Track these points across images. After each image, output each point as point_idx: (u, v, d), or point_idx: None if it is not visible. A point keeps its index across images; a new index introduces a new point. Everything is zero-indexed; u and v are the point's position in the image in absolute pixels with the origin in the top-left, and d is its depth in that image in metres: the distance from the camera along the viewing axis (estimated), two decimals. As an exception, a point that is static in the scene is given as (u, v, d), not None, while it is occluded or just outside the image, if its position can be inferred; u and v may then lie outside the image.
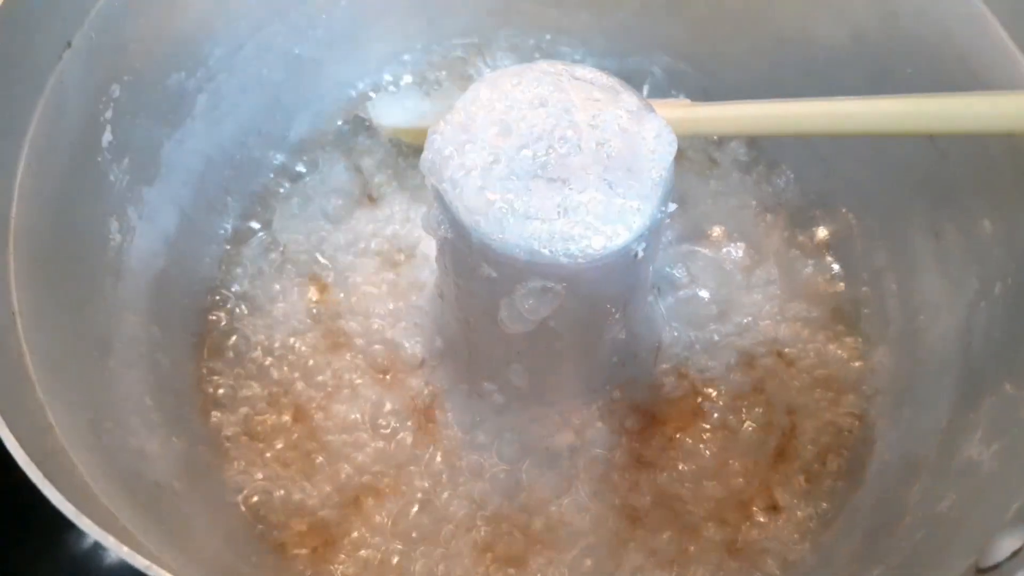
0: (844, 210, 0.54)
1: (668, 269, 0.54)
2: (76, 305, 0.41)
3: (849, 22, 0.49)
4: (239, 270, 0.55)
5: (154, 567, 0.27)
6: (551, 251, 0.38)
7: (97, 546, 0.51)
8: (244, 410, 0.51)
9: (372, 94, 0.59)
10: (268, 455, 0.49)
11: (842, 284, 0.54)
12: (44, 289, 0.39)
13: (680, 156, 0.40)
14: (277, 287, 0.54)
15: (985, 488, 0.37)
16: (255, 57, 0.53)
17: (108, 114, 0.44)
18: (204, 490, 0.45)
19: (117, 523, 0.31)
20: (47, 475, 0.29)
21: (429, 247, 0.54)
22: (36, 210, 0.39)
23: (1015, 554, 0.29)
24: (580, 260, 0.38)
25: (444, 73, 0.60)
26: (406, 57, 0.59)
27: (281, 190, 0.57)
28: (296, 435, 0.50)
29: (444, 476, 0.49)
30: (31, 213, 0.39)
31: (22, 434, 0.30)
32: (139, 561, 0.27)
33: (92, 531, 0.28)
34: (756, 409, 0.51)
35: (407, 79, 0.60)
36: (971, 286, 0.45)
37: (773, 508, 0.49)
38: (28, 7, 0.39)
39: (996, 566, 0.30)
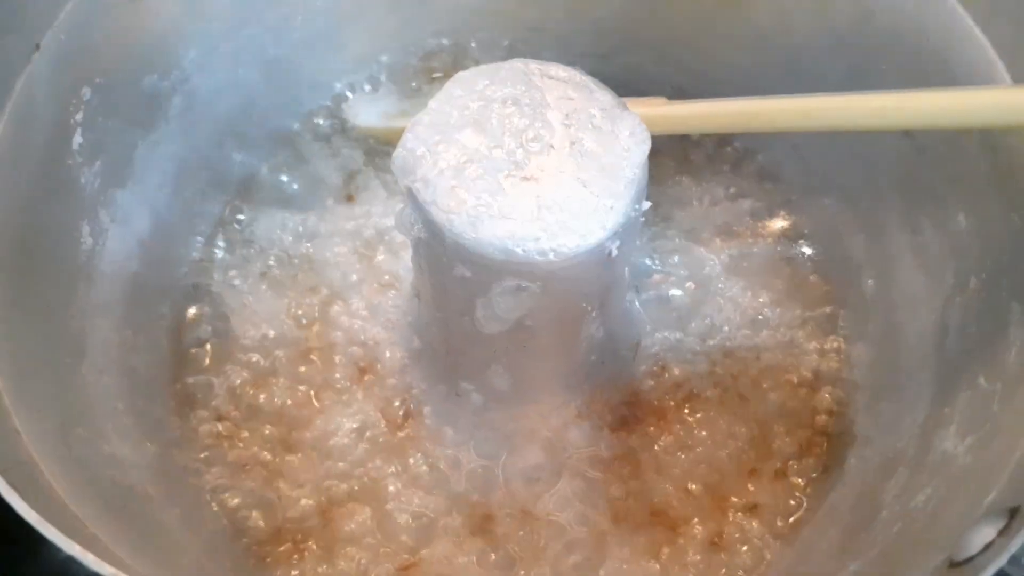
0: (821, 205, 0.54)
1: (644, 265, 0.54)
2: (46, 310, 0.41)
3: (827, 19, 0.49)
4: (215, 272, 0.54)
5: (120, 574, 0.27)
6: (525, 250, 0.38)
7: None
8: (220, 413, 0.50)
9: (349, 94, 0.59)
10: (245, 459, 0.49)
11: (820, 279, 0.54)
12: (12, 294, 0.38)
13: (653, 152, 0.40)
14: (254, 289, 0.54)
15: (960, 481, 0.37)
16: (230, 58, 0.52)
17: (79, 116, 0.44)
18: (179, 495, 0.45)
19: (85, 530, 0.31)
20: (11, 483, 0.28)
21: (406, 246, 0.54)
22: (3, 214, 0.39)
23: (987, 547, 0.29)
24: (554, 259, 0.38)
25: (422, 73, 0.60)
26: (383, 58, 0.59)
27: (257, 191, 0.57)
28: (273, 438, 0.50)
29: (424, 477, 0.49)
30: (-1, 217, 0.38)
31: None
32: (106, 569, 0.27)
33: (57, 539, 0.27)
34: (734, 406, 0.51)
35: (384, 79, 0.59)
36: (947, 281, 0.45)
37: (752, 505, 0.49)
38: (-6, 8, 0.38)
39: (969, 559, 0.30)
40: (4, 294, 0.37)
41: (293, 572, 0.47)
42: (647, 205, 0.41)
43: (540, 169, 0.39)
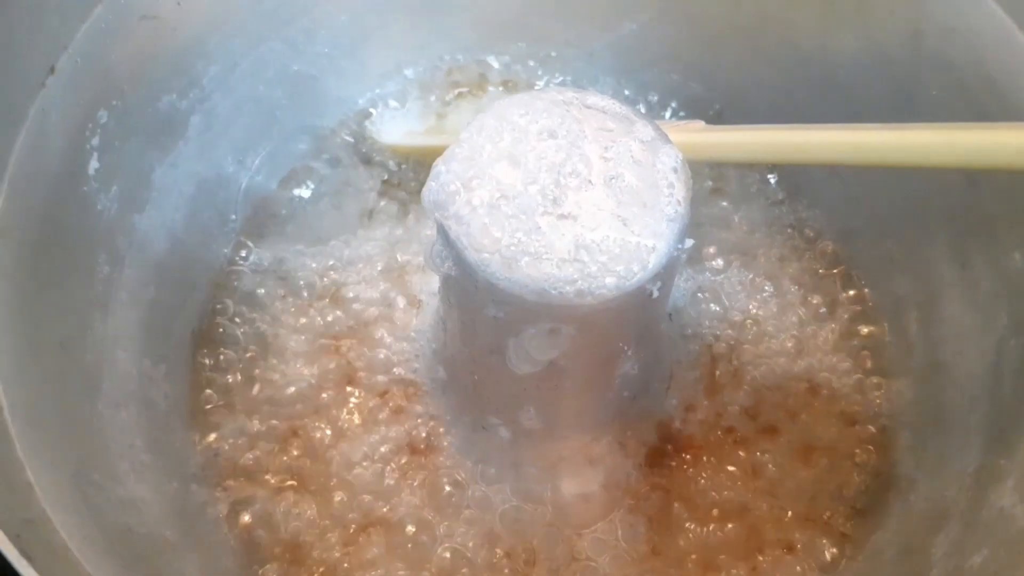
0: (865, 236, 0.52)
1: (680, 298, 0.52)
2: (61, 346, 0.39)
3: (872, 40, 0.47)
4: (234, 296, 0.53)
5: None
6: (561, 293, 0.36)
7: None
8: (241, 442, 0.49)
9: (372, 111, 0.57)
10: (267, 489, 0.48)
11: (861, 312, 0.52)
12: (25, 333, 0.37)
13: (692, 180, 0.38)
14: (274, 313, 0.52)
15: (1019, 545, 0.35)
16: (251, 75, 0.51)
17: (95, 141, 0.42)
18: (197, 536, 0.43)
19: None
20: (24, 549, 0.27)
21: (431, 272, 0.52)
22: (18, 247, 0.37)
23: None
24: (592, 301, 0.36)
25: (446, 88, 0.58)
26: (407, 72, 0.57)
27: (278, 211, 0.55)
28: (295, 468, 0.49)
29: (449, 510, 0.48)
30: (11, 254, 0.37)
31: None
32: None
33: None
34: (771, 442, 0.50)
35: (408, 95, 0.57)
36: (1000, 321, 0.43)
37: (789, 546, 0.47)
38: (8, 31, 0.37)
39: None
40: (18, 334, 0.36)
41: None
42: (690, 243, 0.39)
43: (578, 206, 0.37)
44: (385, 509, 0.47)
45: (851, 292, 0.53)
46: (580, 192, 0.37)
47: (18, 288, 0.37)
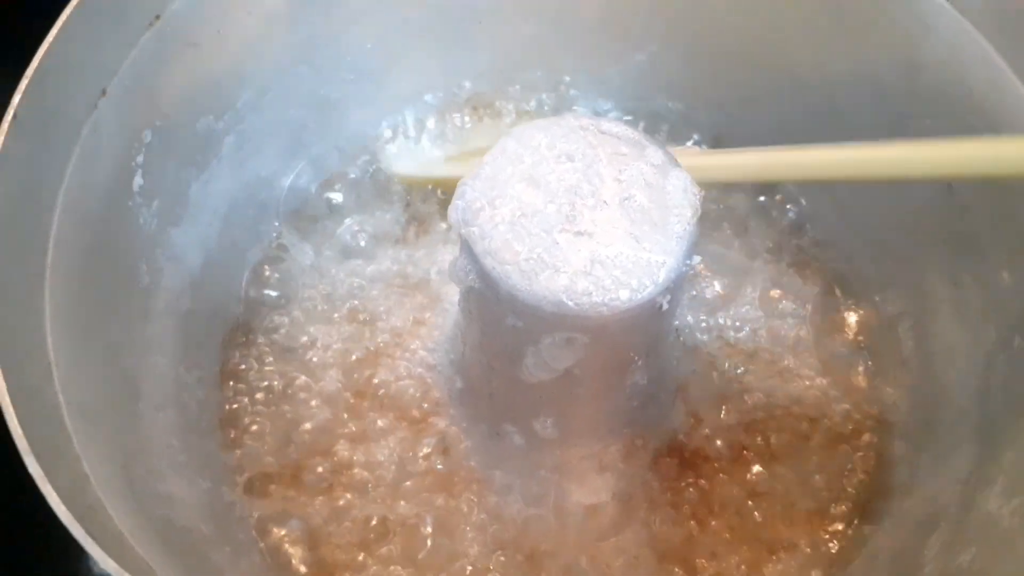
0: (863, 256, 0.54)
1: (685, 314, 0.55)
2: (108, 350, 0.42)
3: (869, 71, 0.50)
4: (262, 309, 0.55)
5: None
6: (578, 304, 0.39)
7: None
8: (268, 448, 0.51)
9: (389, 142, 0.60)
10: (290, 496, 0.50)
11: (857, 328, 0.55)
12: (78, 337, 0.39)
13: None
14: (300, 326, 0.55)
15: (1006, 544, 0.37)
16: (281, 99, 0.53)
17: (140, 159, 0.45)
18: (228, 533, 0.46)
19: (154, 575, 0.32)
20: (88, 531, 0.29)
21: (449, 286, 0.55)
22: (70, 257, 0.40)
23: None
24: (606, 312, 0.39)
25: (466, 113, 0.61)
26: (428, 98, 0.60)
27: (304, 229, 0.58)
28: (318, 474, 0.51)
29: (468, 517, 0.50)
30: (66, 262, 0.39)
31: (63, 490, 0.30)
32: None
33: (131, 586, 0.28)
34: (773, 453, 0.52)
35: (428, 121, 0.60)
36: (989, 337, 0.45)
37: (791, 548, 0.49)
38: (68, 56, 0.39)
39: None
40: (72, 338, 0.38)
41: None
42: (697, 260, 0.41)
43: (593, 224, 0.40)
44: (407, 519, 0.50)
45: (848, 310, 0.55)
46: (595, 211, 0.40)
47: (72, 293, 0.39)
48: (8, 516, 0.52)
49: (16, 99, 0.37)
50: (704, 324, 0.55)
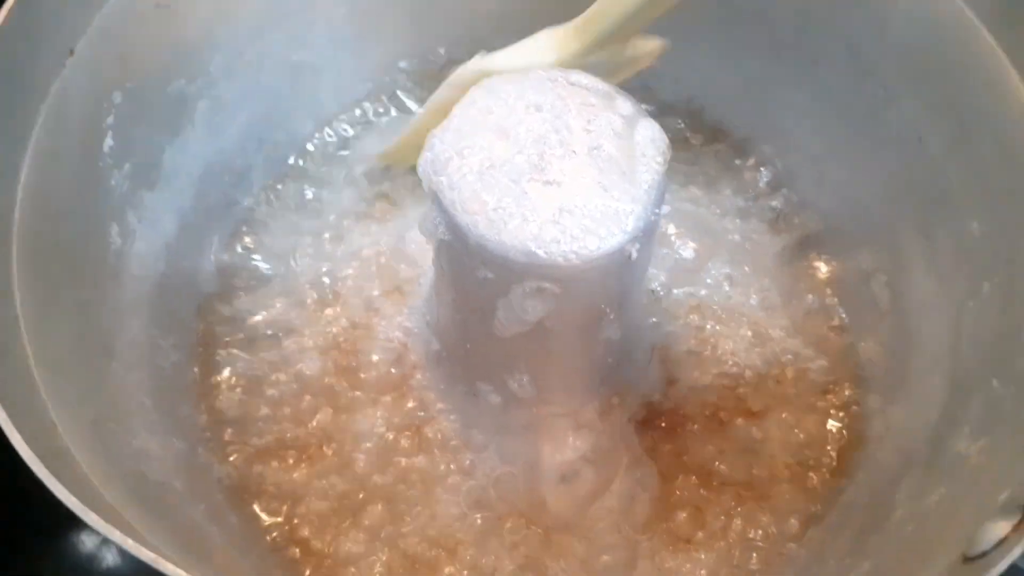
0: (834, 214, 0.55)
1: (659, 275, 0.55)
2: (78, 308, 0.42)
3: (842, 27, 0.50)
4: (239, 276, 0.55)
5: (160, 560, 0.27)
6: (547, 252, 0.39)
7: (99, 548, 0.52)
8: (244, 414, 0.51)
9: (367, 105, 0.60)
10: (266, 458, 0.50)
11: (833, 286, 0.55)
12: (47, 293, 0.39)
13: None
14: (273, 293, 0.55)
15: (973, 481, 0.38)
16: (255, 64, 0.53)
17: (110, 120, 0.45)
18: (203, 492, 0.46)
19: (122, 519, 0.32)
20: (53, 472, 0.29)
21: (424, 251, 0.55)
22: (39, 215, 0.40)
23: (1001, 542, 0.30)
24: (575, 261, 0.39)
25: (439, 80, 0.61)
26: (402, 64, 0.60)
27: (279, 197, 0.58)
28: (293, 439, 0.51)
29: (447, 479, 0.50)
30: (34, 218, 0.39)
31: (27, 433, 0.30)
32: (145, 554, 0.28)
33: (98, 526, 0.28)
34: (750, 411, 0.52)
35: (401, 90, 0.60)
36: (960, 286, 0.45)
37: (766, 504, 0.50)
38: (34, 16, 0.39)
39: (983, 554, 0.31)
40: (40, 293, 0.38)
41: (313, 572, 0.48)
42: (666, 209, 0.42)
43: (562, 173, 0.40)
44: (387, 483, 0.50)
45: (822, 268, 0.56)
46: (564, 161, 0.40)
47: (39, 251, 0.39)
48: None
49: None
50: (679, 285, 0.55)
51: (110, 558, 0.54)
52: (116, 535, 0.28)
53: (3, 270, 0.37)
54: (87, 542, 0.54)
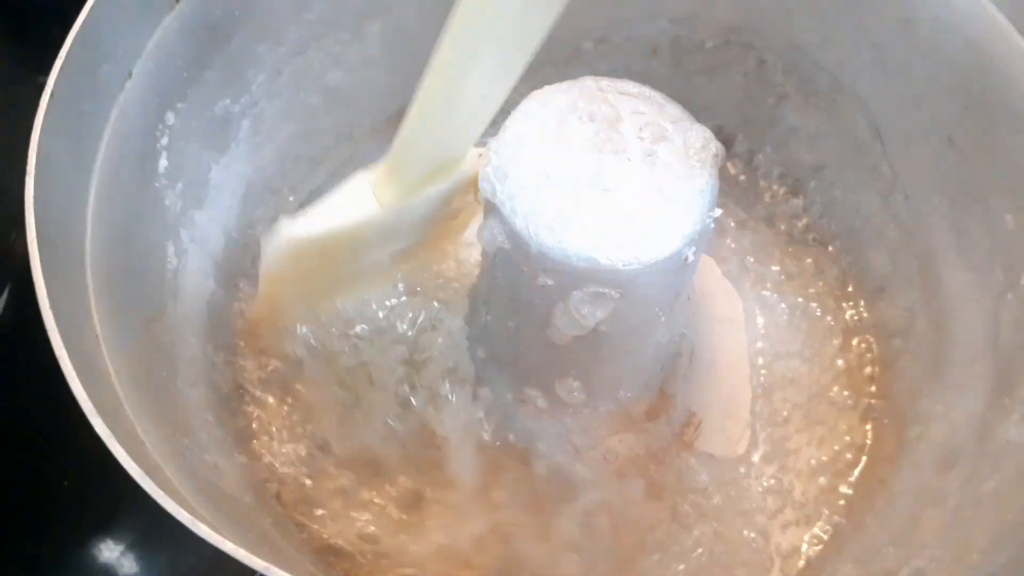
0: (867, 207, 0.56)
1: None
2: (145, 327, 0.43)
3: (866, 31, 0.51)
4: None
5: (272, 568, 0.28)
6: (608, 258, 0.40)
7: (120, 558, 0.53)
8: (293, 433, 0.52)
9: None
10: (322, 480, 0.50)
11: (867, 280, 0.56)
12: (118, 312, 0.40)
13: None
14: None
15: (1027, 466, 0.39)
16: (293, 83, 0.54)
17: (164, 141, 0.46)
18: (268, 506, 0.46)
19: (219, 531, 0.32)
20: (159, 483, 0.30)
21: (462, 262, 0.55)
22: (106, 236, 0.41)
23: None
24: (636, 266, 0.40)
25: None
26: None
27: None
28: (342, 459, 0.51)
29: (493, 485, 0.51)
30: (102, 239, 0.40)
31: (130, 451, 0.31)
32: (257, 563, 0.28)
33: (210, 538, 0.29)
34: (786, 407, 0.53)
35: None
36: (997, 278, 0.47)
37: (806, 500, 0.51)
38: (96, 38, 0.40)
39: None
40: (112, 313, 0.39)
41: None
42: (718, 212, 0.43)
43: (618, 180, 0.41)
44: (439, 494, 0.51)
45: (856, 263, 0.57)
46: (619, 168, 0.41)
47: (113, 267, 0.40)
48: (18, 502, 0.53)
49: (52, 77, 0.37)
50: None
51: (129, 567, 0.54)
52: (228, 546, 0.29)
53: (81, 292, 0.37)
54: (106, 553, 0.55)
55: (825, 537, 0.50)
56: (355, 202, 0.43)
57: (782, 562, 0.49)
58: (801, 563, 0.50)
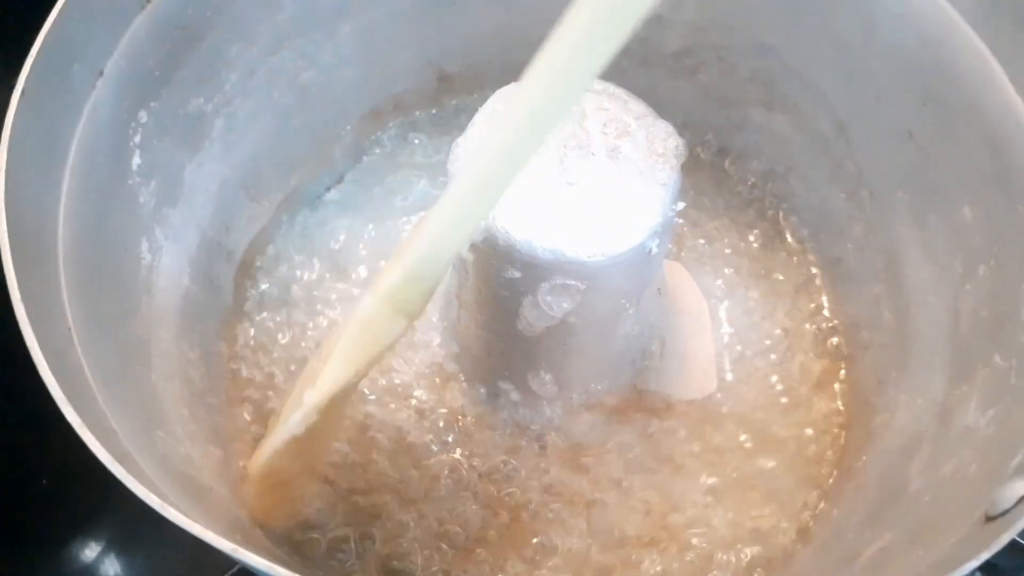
0: (830, 202, 0.57)
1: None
2: (118, 321, 0.43)
3: (830, 31, 0.53)
4: (256, 290, 0.57)
5: (274, 567, 0.29)
6: (574, 251, 0.41)
7: (98, 559, 0.53)
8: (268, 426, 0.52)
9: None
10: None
11: (829, 276, 0.58)
12: (91, 306, 0.40)
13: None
14: (293, 306, 0.56)
15: (985, 449, 0.40)
16: (266, 82, 0.55)
17: (137, 139, 0.46)
18: (243, 499, 0.47)
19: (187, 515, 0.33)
20: (130, 469, 0.31)
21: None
22: (79, 232, 0.41)
23: (1021, 499, 0.32)
24: (600, 258, 0.41)
25: (443, 96, 0.63)
26: (406, 85, 0.62)
27: (293, 211, 0.59)
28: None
29: (471, 477, 0.51)
30: (75, 235, 0.41)
31: (100, 438, 0.31)
32: (251, 557, 0.29)
33: (179, 520, 0.29)
34: (756, 400, 0.54)
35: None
36: (956, 270, 0.48)
37: (778, 489, 0.52)
38: (67, 37, 0.41)
39: (1004, 512, 0.33)
40: (86, 307, 0.39)
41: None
42: (681, 205, 0.44)
43: (583, 175, 0.42)
44: (414, 487, 0.51)
45: (818, 259, 0.58)
46: (584, 163, 0.42)
47: (86, 263, 0.40)
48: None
49: (23, 75, 0.38)
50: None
51: (109, 568, 0.55)
52: (196, 528, 0.29)
53: (54, 285, 0.38)
54: (85, 552, 0.55)
55: (795, 524, 0.51)
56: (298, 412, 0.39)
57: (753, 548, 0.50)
58: (772, 550, 0.51)
